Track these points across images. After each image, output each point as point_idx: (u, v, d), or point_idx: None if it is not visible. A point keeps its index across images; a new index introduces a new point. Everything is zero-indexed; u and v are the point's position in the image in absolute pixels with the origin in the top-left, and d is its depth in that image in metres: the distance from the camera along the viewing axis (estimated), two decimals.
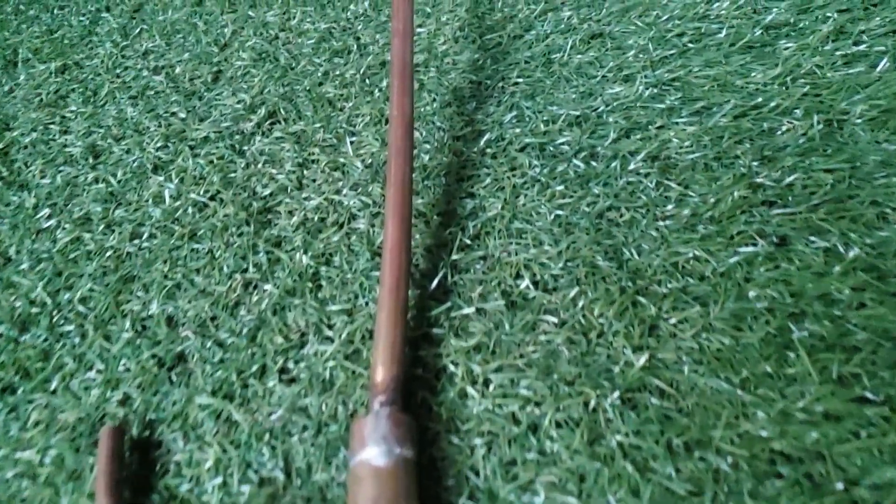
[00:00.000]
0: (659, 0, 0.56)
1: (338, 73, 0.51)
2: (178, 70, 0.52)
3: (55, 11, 0.63)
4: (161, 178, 0.41)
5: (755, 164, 0.39)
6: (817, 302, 0.31)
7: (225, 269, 0.35)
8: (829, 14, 0.52)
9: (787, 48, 0.49)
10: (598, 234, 0.35)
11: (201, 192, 0.40)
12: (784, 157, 0.39)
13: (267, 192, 0.39)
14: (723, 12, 0.54)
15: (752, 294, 0.32)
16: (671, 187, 0.38)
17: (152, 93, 0.50)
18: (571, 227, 0.36)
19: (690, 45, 0.50)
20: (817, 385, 0.27)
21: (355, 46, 0.54)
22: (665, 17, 0.54)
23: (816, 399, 0.26)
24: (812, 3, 0.53)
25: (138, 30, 0.58)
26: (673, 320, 0.31)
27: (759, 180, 0.37)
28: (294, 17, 0.59)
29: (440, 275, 0.33)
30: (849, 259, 0.32)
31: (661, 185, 0.38)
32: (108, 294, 0.34)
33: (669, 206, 0.37)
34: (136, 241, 0.37)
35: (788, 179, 0.37)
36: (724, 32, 0.51)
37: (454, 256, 0.35)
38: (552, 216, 0.37)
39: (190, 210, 0.39)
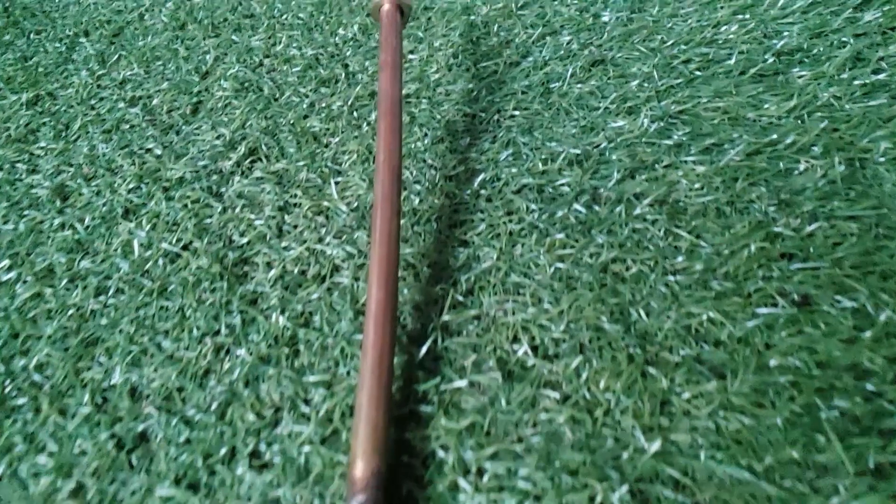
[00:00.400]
0: (663, 23, 0.53)
1: (324, 104, 0.48)
2: (155, 101, 0.49)
3: (31, 36, 0.60)
4: (131, 225, 0.38)
5: (772, 209, 0.36)
6: (847, 374, 0.28)
7: (195, 331, 0.32)
8: (844, 39, 0.49)
9: (800, 76, 0.46)
10: (603, 291, 0.32)
11: (173, 241, 0.37)
12: (803, 201, 0.36)
13: (244, 240, 0.37)
14: (731, 37, 0.51)
15: (773, 363, 0.29)
16: (681, 236, 0.35)
17: (127, 126, 0.47)
18: (573, 281, 0.33)
19: (698, 72, 0.48)
20: (852, 477, 0.25)
21: (343, 75, 0.51)
22: (670, 42, 0.51)
23: (854, 497, 0.24)
24: (826, 27, 0.50)
25: (117, 56, 0.56)
26: (686, 395, 0.28)
27: (776, 229, 0.34)
28: (280, 42, 0.56)
29: (430, 340, 0.30)
30: (880, 323, 0.29)
31: (669, 233, 0.35)
32: (67, 360, 0.31)
33: (680, 259, 0.34)
34: (102, 298, 0.34)
35: (809, 228, 0.34)
36: (733, 59, 0.48)
37: (445, 317, 0.32)
38: (552, 269, 0.34)
39: (161, 262, 0.36)
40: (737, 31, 0.51)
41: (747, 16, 0.53)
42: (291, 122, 0.46)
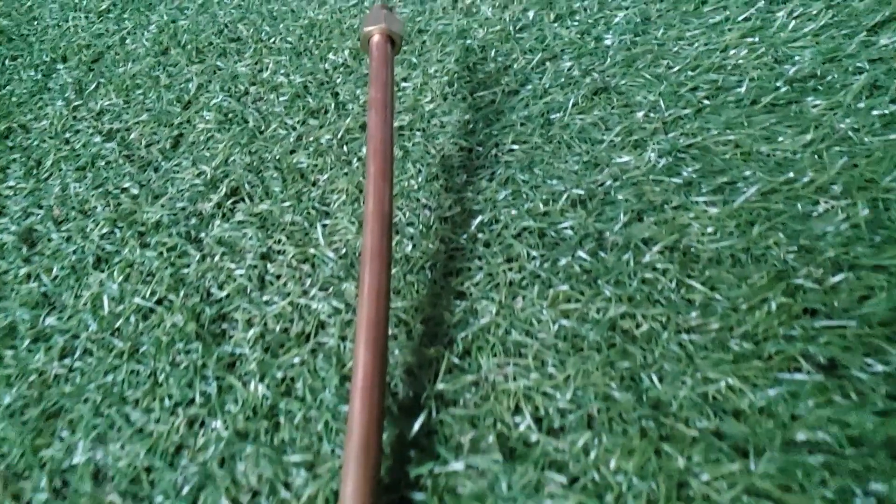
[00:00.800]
0: (669, 47, 0.51)
1: (312, 138, 0.46)
2: (133, 134, 0.47)
3: (6, 63, 0.58)
4: (103, 276, 0.36)
5: (791, 256, 0.34)
6: (883, 452, 0.26)
7: (167, 400, 0.30)
8: (859, 64, 0.47)
9: (815, 106, 0.44)
10: (612, 352, 0.30)
11: (147, 295, 0.34)
12: (824, 247, 0.34)
13: (223, 293, 0.34)
14: (741, 62, 0.49)
15: (800, 438, 0.26)
16: (694, 288, 0.33)
17: (103, 163, 0.45)
18: (579, 340, 0.31)
19: (706, 101, 0.45)
20: None
21: (332, 105, 0.49)
22: (676, 69, 0.49)
23: None
24: (839, 52, 0.48)
25: (95, 84, 0.53)
26: (706, 476, 0.26)
27: (797, 281, 0.32)
28: (266, 69, 0.54)
29: (423, 412, 0.28)
30: None
31: (682, 284, 0.33)
32: (25, 436, 0.29)
33: (693, 314, 0.31)
34: (67, 361, 0.32)
35: (832, 280, 0.32)
36: (743, 87, 0.46)
37: (440, 385, 0.29)
38: (556, 326, 0.31)
39: (132, 318, 0.33)
40: (746, 55, 0.49)
41: (756, 39, 0.51)
42: (277, 157, 0.44)
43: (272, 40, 0.58)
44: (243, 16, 0.62)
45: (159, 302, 0.34)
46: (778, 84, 0.46)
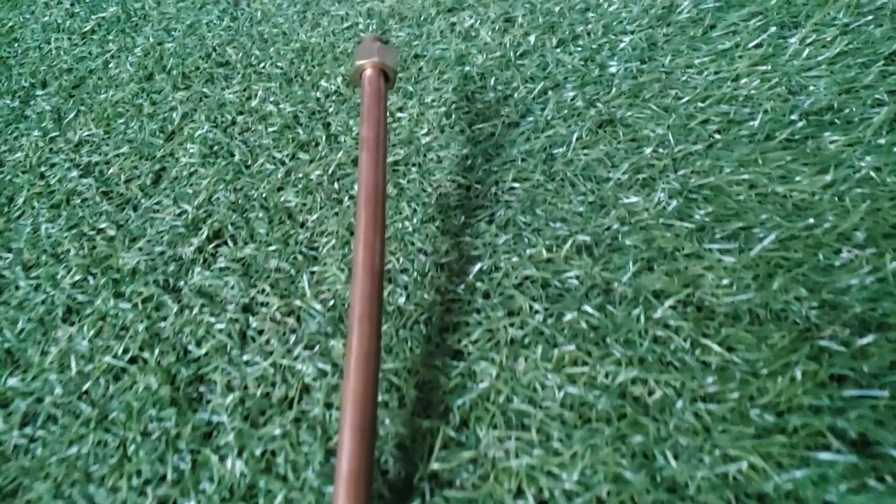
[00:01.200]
0: (677, 76, 0.50)
1: (301, 173, 0.44)
2: (113, 168, 0.45)
3: None
4: (72, 329, 0.34)
5: (813, 313, 0.32)
6: None
7: (136, 478, 0.27)
8: (878, 96, 0.45)
9: (833, 142, 0.42)
10: (623, 424, 0.28)
11: (119, 352, 0.32)
12: (850, 303, 0.32)
13: (201, 351, 0.32)
14: (753, 93, 0.47)
15: None
16: (710, 349, 0.31)
17: (79, 200, 0.43)
18: (587, 409, 0.29)
19: (718, 136, 0.44)
20: None
21: (324, 137, 0.47)
22: (685, 99, 0.47)
23: None
24: (856, 82, 0.47)
25: (74, 112, 0.51)
26: None
27: (822, 342, 0.30)
28: (255, 96, 0.52)
29: (416, 498, 0.26)
30: None
31: (696, 343, 0.31)
32: None
33: (710, 379, 0.29)
34: (28, 430, 0.30)
35: (861, 342, 0.30)
36: (757, 120, 0.44)
37: (435, 464, 0.27)
38: (562, 393, 0.29)
39: (102, 380, 0.31)
40: (759, 86, 0.47)
41: (768, 67, 0.49)
42: (264, 195, 0.42)
43: (262, 65, 0.56)
44: (232, 38, 0.60)
45: (132, 360, 0.32)
46: (793, 117, 0.44)
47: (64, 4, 0.70)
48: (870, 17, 0.54)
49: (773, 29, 0.53)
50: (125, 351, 0.32)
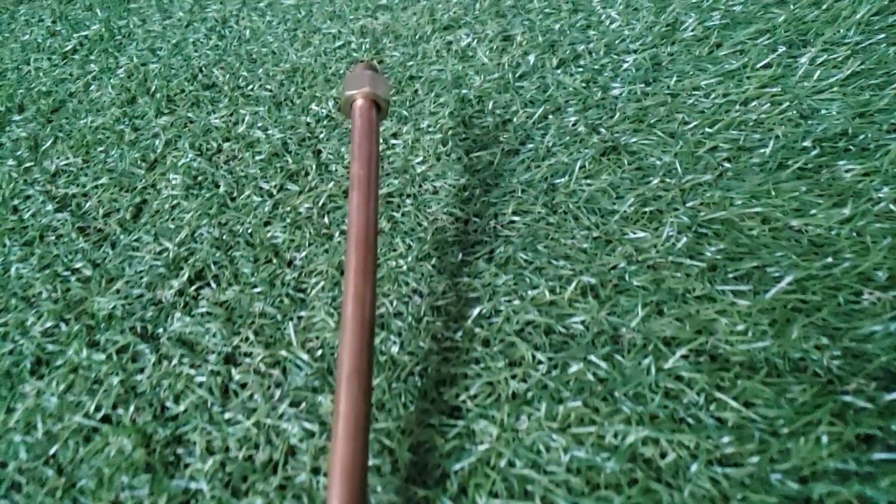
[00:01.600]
0: (683, 99, 0.48)
1: (289, 207, 0.42)
2: (91, 202, 0.43)
3: None
4: (41, 384, 0.32)
5: (836, 364, 0.30)
6: None
7: None
8: (894, 121, 0.44)
9: (849, 171, 0.41)
10: (634, 491, 0.26)
11: (91, 410, 0.30)
12: (874, 352, 0.30)
13: (179, 408, 0.30)
14: (763, 116, 0.46)
15: None
16: (726, 404, 0.29)
17: (53, 237, 0.41)
18: (595, 473, 0.27)
19: (727, 164, 0.42)
20: None
21: (314, 166, 0.45)
22: (692, 125, 0.46)
23: None
24: (870, 106, 0.45)
25: (52, 139, 0.50)
26: None
27: (846, 398, 0.28)
28: (242, 122, 0.50)
29: None
30: None
31: (711, 398, 0.29)
32: None
33: (726, 439, 0.28)
34: None
35: (887, 398, 0.28)
36: (768, 147, 0.43)
37: None
38: (568, 456, 0.28)
39: (71, 443, 0.29)
40: (769, 109, 0.46)
41: (778, 89, 0.48)
42: (249, 230, 0.40)
43: (250, 87, 0.54)
44: (220, 58, 0.59)
45: (105, 419, 0.30)
46: (805, 144, 0.43)
47: (45, 22, 0.69)
48: (881, 36, 0.53)
49: (781, 48, 0.52)
50: (97, 408, 0.31)
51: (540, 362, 0.32)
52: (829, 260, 0.35)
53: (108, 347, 0.34)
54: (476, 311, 0.35)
